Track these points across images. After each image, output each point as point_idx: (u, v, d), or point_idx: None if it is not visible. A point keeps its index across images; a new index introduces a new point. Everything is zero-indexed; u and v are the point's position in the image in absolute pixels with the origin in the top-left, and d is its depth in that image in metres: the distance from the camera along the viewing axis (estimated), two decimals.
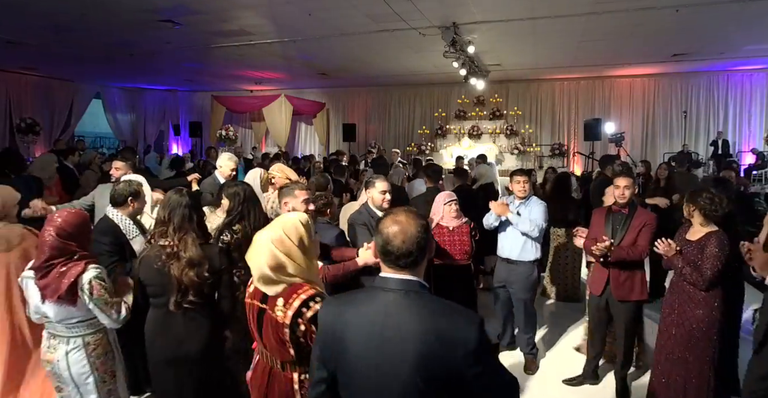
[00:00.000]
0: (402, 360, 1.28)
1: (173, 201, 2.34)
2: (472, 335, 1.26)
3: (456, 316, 1.30)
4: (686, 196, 2.91)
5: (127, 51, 9.58)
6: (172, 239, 2.27)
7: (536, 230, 3.61)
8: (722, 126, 11.80)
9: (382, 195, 3.15)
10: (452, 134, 13.30)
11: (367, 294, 1.42)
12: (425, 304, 1.33)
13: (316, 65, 11.19)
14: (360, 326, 1.36)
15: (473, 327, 1.27)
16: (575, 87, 13.01)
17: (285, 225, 1.79)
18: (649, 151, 12.28)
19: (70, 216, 2.22)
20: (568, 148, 12.78)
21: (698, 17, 7.04)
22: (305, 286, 1.73)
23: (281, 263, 1.72)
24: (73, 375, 2.22)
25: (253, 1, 6.55)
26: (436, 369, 1.25)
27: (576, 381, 3.61)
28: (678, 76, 12.01)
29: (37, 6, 6.75)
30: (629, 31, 7.81)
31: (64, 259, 2.15)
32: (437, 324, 1.27)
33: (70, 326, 2.23)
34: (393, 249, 1.34)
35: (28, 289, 2.23)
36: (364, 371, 1.34)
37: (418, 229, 1.35)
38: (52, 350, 2.24)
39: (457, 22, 7.40)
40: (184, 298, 2.22)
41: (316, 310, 1.65)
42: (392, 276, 1.37)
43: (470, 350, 1.25)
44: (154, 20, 7.39)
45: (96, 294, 2.18)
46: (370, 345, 1.33)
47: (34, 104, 12.90)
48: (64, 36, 8.41)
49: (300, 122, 15.59)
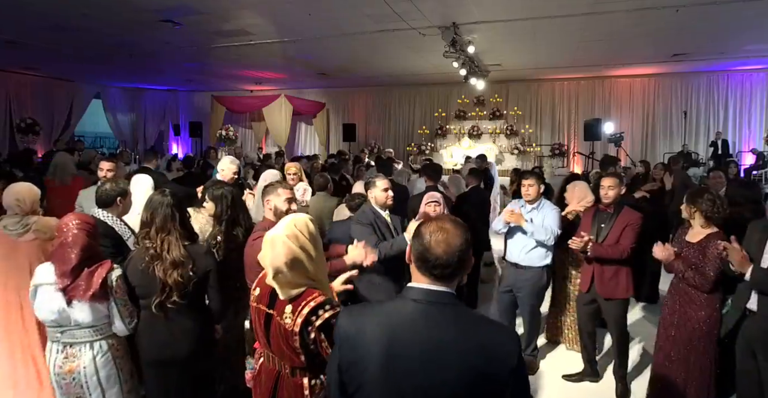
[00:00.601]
0: (444, 377, 1.20)
1: (155, 202, 2.31)
2: (515, 350, 1.23)
3: (498, 331, 1.27)
4: (686, 197, 2.88)
5: (128, 51, 9.58)
6: (154, 240, 2.24)
7: (552, 238, 3.47)
8: (722, 126, 11.80)
9: (384, 193, 3.12)
10: (452, 134, 13.30)
11: (396, 305, 1.31)
12: (464, 318, 1.27)
13: (316, 65, 11.19)
14: (391, 341, 1.24)
15: (515, 342, 1.24)
16: (575, 87, 13.01)
17: (296, 222, 1.77)
18: (649, 151, 12.28)
19: (85, 217, 2.23)
20: (568, 148, 12.78)
21: (698, 17, 7.04)
22: (315, 293, 1.70)
23: (298, 258, 1.69)
24: (102, 379, 2.18)
25: (253, 1, 6.55)
26: (481, 385, 1.19)
27: (575, 377, 3.62)
28: (678, 76, 12.02)
29: (37, 6, 6.75)
30: (629, 31, 7.81)
31: (91, 260, 2.16)
32: (481, 339, 1.22)
33: (97, 329, 2.19)
34: (431, 258, 1.25)
35: (44, 296, 2.14)
36: (395, 389, 1.23)
37: (462, 242, 1.27)
38: (72, 359, 2.16)
39: (457, 22, 7.41)
40: (167, 299, 2.19)
41: (325, 318, 1.63)
42: (426, 287, 1.27)
43: (513, 366, 1.21)
44: (155, 20, 7.40)
45: (119, 294, 2.18)
46: (405, 362, 1.22)
47: (35, 104, 12.90)
48: (65, 36, 8.41)
49: (300, 122, 15.59)
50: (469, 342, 1.21)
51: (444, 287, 1.28)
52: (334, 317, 1.57)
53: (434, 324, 1.24)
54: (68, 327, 2.17)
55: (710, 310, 2.76)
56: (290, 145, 15.08)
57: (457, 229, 1.28)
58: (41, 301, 2.15)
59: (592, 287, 3.36)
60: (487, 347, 1.21)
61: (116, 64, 11.10)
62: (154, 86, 15.91)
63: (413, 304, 1.27)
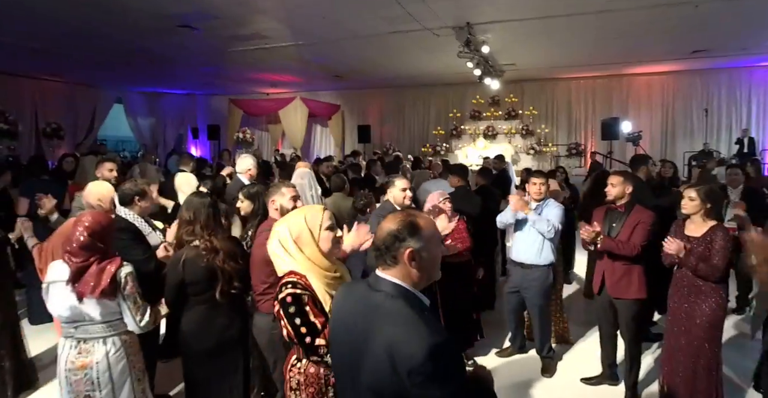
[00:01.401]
0: (361, 356, 1.29)
1: (196, 203, 2.51)
2: (420, 353, 1.16)
3: (413, 330, 1.23)
4: (702, 193, 2.90)
5: (147, 56, 9.81)
6: (202, 237, 2.44)
7: (552, 231, 3.51)
8: (745, 123, 11.53)
9: (402, 192, 3.22)
10: (467, 135, 13.27)
11: (363, 286, 1.44)
12: (389, 310, 1.30)
13: (331, 67, 11.29)
14: (344, 312, 1.43)
15: (424, 344, 1.18)
16: (592, 85, 12.86)
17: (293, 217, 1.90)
18: (669, 149, 12.07)
19: (98, 216, 2.28)
20: (585, 148, 12.63)
21: (718, 12, 6.91)
22: (290, 274, 1.79)
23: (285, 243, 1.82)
24: (114, 375, 2.20)
25: (269, 6, 6.66)
26: (384, 378, 1.23)
27: (594, 380, 3.57)
28: (698, 73, 11.78)
29: (60, 14, 6.97)
30: (646, 27, 7.70)
31: (99, 257, 2.20)
32: (395, 333, 1.23)
33: (111, 324, 2.22)
34: (375, 240, 1.41)
35: (56, 292, 2.18)
36: (338, 352, 1.45)
37: (390, 226, 1.37)
38: (85, 354, 2.18)
39: (471, 22, 7.40)
40: (229, 286, 2.40)
41: (283, 294, 1.71)
42: (381, 276, 1.38)
43: (413, 368, 1.16)
44: (173, 26, 7.57)
45: (128, 290, 2.22)
46: (342, 336, 1.40)
47: (59, 109, 13.29)
48: (87, 43, 8.66)
49: (315, 124, 15.72)
50: (381, 334, 1.26)
51: (390, 276, 1.36)
52: (291, 296, 1.70)
53: (372, 312, 1.33)
54: (82, 322, 2.20)
55: (717, 298, 2.82)
56: (306, 147, 15.23)
57: (393, 219, 1.41)
58: (54, 298, 2.19)
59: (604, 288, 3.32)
60: (394, 343, 1.22)
61: (136, 70, 11.38)
62: (173, 90, 16.23)
63: (367, 290, 1.40)
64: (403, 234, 1.35)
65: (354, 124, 15.11)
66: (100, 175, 4.22)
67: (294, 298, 1.69)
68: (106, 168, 4.25)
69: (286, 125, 13.49)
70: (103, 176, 4.19)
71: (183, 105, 17.07)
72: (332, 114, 14.93)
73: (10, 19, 7.16)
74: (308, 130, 14.60)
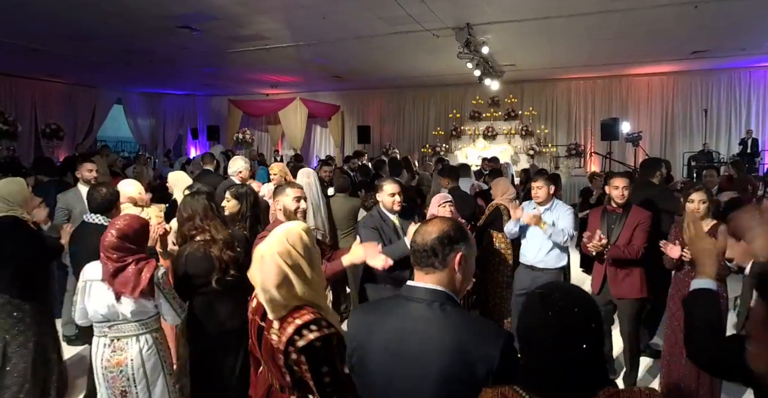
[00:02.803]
0: (422, 376, 1.22)
1: (191, 202, 2.62)
2: (496, 352, 1.18)
3: (481, 332, 1.23)
4: (706, 193, 3.01)
5: (147, 57, 9.81)
6: (203, 228, 2.53)
7: (569, 240, 3.41)
8: (745, 124, 11.52)
9: (391, 197, 3.01)
10: (467, 135, 13.26)
11: (393, 303, 1.36)
12: (449, 318, 1.26)
13: (331, 68, 11.29)
14: (381, 337, 1.31)
15: (498, 343, 1.19)
16: (591, 86, 12.86)
17: (289, 234, 1.59)
18: (669, 150, 12.07)
19: (131, 219, 2.33)
20: (584, 148, 12.63)
21: (717, 13, 6.91)
22: (303, 310, 1.53)
23: (288, 278, 1.53)
24: (148, 371, 2.28)
25: (269, 7, 6.66)
26: (458, 387, 1.19)
27: None
28: (697, 74, 11.78)
29: (59, 14, 6.97)
30: (646, 28, 7.71)
31: (135, 258, 2.26)
32: (460, 339, 1.21)
33: (143, 323, 2.30)
34: (414, 245, 1.33)
35: (92, 292, 2.26)
36: (382, 385, 1.29)
37: (439, 230, 1.31)
38: (120, 352, 2.26)
39: (470, 23, 7.41)
40: (225, 275, 2.46)
41: (309, 340, 1.45)
42: (418, 285, 1.32)
43: (491, 368, 1.17)
44: (173, 27, 7.57)
45: (167, 289, 2.31)
46: (388, 358, 1.27)
47: (59, 110, 13.30)
48: (86, 44, 8.66)
49: (315, 125, 15.72)
50: (448, 342, 1.21)
51: (436, 285, 1.31)
52: (320, 340, 1.44)
53: (420, 323, 1.27)
54: (116, 321, 2.28)
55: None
56: (306, 148, 15.22)
57: (441, 221, 1.37)
58: (95, 296, 2.26)
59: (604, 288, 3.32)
60: (464, 348, 1.20)
61: (136, 70, 11.37)
62: (173, 91, 16.23)
63: (405, 302, 1.32)
64: (457, 237, 1.33)
65: (354, 125, 15.12)
66: (80, 176, 4.15)
67: (323, 342, 1.44)
68: (86, 168, 4.18)
69: (286, 126, 13.49)
70: (83, 177, 4.13)
71: (183, 105, 17.08)
72: (332, 114, 14.94)
73: (10, 19, 7.15)
74: (308, 130, 14.59)
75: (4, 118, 10.51)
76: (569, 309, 1.06)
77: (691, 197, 2.99)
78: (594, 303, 1.13)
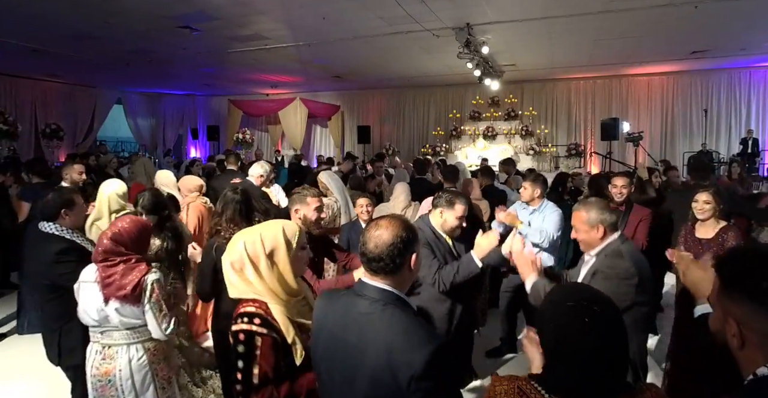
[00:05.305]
0: (356, 369, 1.24)
1: (228, 198, 2.67)
2: (420, 358, 1.15)
3: (411, 338, 1.20)
4: (713, 194, 2.96)
5: (147, 57, 9.82)
6: (227, 229, 2.57)
7: (546, 241, 3.40)
8: (745, 124, 11.54)
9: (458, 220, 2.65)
10: (467, 135, 13.27)
11: (346, 295, 1.38)
12: (387, 318, 1.25)
13: (331, 68, 11.30)
14: (330, 324, 1.35)
15: (424, 351, 1.16)
16: (591, 86, 12.87)
17: (266, 230, 1.63)
18: (669, 150, 12.08)
19: (129, 223, 2.24)
20: (584, 148, 12.64)
21: (717, 13, 6.92)
22: (251, 303, 1.55)
23: (242, 265, 1.58)
24: (136, 383, 2.17)
25: (269, 7, 6.66)
26: (382, 388, 1.20)
27: None
28: (697, 74, 11.79)
29: (59, 15, 6.97)
30: (646, 28, 7.71)
31: (125, 262, 2.17)
32: (392, 341, 1.20)
33: (135, 331, 2.19)
34: (366, 251, 1.32)
35: (82, 293, 2.19)
36: (324, 369, 1.36)
37: (393, 236, 1.29)
38: (109, 361, 2.16)
39: (470, 23, 7.41)
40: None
41: (236, 328, 1.50)
42: (368, 282, 1.33)
43: (414, 374, 1.14)
44: (173, 27, 7.57)
45: (154, 298, 2.16)
46: (332, 348, 1.32)
47: (59, 110, 13.32)
48: (86, 44, 8.66)
49: (315, 125, 15.73)
50: (380, 342, 1.21)
51: (386, 285, 1.31)
52: (244, 333, 1.48)
53: (362, 319, 1.28)
54: (107, 327, 2.18)
55: None
56: (305, 148, 15.23)
57: (392, 226, 1.32)
58: (85, 298, 2.18)
59: None
60: (390, 350, 1.19)
61: (136, 70, 11.38)
62: (173, 91, 16.24)
63: (354, 297, 1.33)
64: (410, 239, 1.32)
65: (354, 125, 15.12)
66: (69, 177, 4.09)
67: (246, 337, 1.48)
68: (76, 171, 4.14)
69: (286, 126, 13.50)
70: (72, 179, 4.09)
71: (183, 105, 17.09)
72: (332, 114, 14.94)
73: (10, 19, 7.16)
74: (308, 130, 14.60)
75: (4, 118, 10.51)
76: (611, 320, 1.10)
77: (696, 197, 2.96)
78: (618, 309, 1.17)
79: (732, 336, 0.97)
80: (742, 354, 0.97)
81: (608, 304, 1.13)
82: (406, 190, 4.18)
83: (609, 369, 1.08)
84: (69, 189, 3.02)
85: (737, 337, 0.96)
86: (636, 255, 2.12)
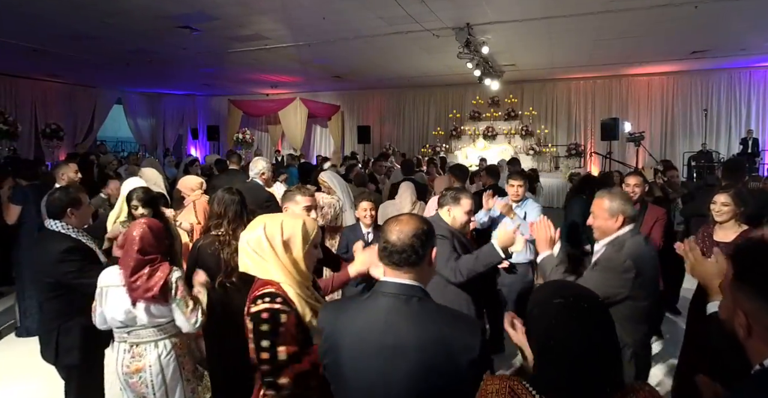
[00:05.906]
0: (401, 370, 1.23)
1: (227, 199, 2.66)
2: (474, 344, 1.24)
3: (460, 324, 1.28)
4: (733, 196, 2.80)
5: (147, 57, 9.81)
6: (226, 230, 2.57)
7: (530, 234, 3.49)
8: (745, 124, 11.54)
9: (466, 216, 2.72)
10: (467, 135, 13.27)
11: (366, 299, 1.36)
12: (427, 311, 1.28)
13: (331, 68, 11.29)
14: (355, 334, 1.30)
15: (477, 334, 1.26)
16: (591, 86, 12.87)
17: (288, 219, 1.70)
18: (669, 150, 12.07)
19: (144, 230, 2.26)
20: (584, 148, 12.64)
21: (717, 13, 6.92)
22: (269, 283, 1.59)
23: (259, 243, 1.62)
24: (167, 377, 2.25)
25: (269, 6, 6.66)
26: (438, 379, 1.22)
27: None
28: (697, 74, 11.79)
29: (59, 15, 6.97)
30: (646, 28, 7.71)
31: (150, 263, 2.22)
32: (441, 332, 1.24)
33: (161, 328, 2.26)
34: (388, 244, 1.32)
35: (109, 297, 2.22)
36: (358, 381, 1.30)
37: (415, 228, 1.32)
38: (139, 358, 2.23)
39: (470, 23, 7.41)
40: (227, 279, 2.46)
41: (259, 308, 1.51)
42: (392, 280, 1.33)
43: (472, 359, 1.22)
44: (173, 27, 7.57)
45: (179, 295, 2.24)
46: (365, 354, 1.28)
47: (59, 110, 13.30)
48: (86, 44, 8.66)
49: (315, 125, 15.73)
50: (429, 335, 1.23)
51: (410, 280, 1.32)
52: (268, 312, 1.49)
53: (398, 318, 1.27)
54: (134, 327, 2.24)
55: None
56: (305, 148, 15.23)
57: (412, 219, 1.35)
58: (112, 302, 2.22)
59: None
60: (444, 341, 1.22)
61: (136, 70, 11.37)
62: (173, 91, 16.24)
63: (381, 298, 1.32)
64: (431, 232, 1.36)
65: (354, 125, 15.12)
66: (65, 176, 4.07)
67: (271, 315, 1.49)
68: (71, 170, 4.13)
69: (286, 126, 13.49)
70: (69, 178, 4.07)
71: (183, 105, 17.09)
72: (332, 114, 14.94)
73: (10, 19, 7.15)
74: (308, 130, 14.60)
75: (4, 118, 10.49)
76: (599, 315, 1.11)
77: (714, 198, 2.85)
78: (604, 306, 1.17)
79: (739, 326, 0.98)
80: (748, 344, 0.99)
81: (594, 300, 1.14)
82: (410, 188, 4.19)
83: (600, 366, 1.06)
84: (76, 188, 3.01)
85: (744, 328, 0.97)
86: (637, 250, 2.10)
